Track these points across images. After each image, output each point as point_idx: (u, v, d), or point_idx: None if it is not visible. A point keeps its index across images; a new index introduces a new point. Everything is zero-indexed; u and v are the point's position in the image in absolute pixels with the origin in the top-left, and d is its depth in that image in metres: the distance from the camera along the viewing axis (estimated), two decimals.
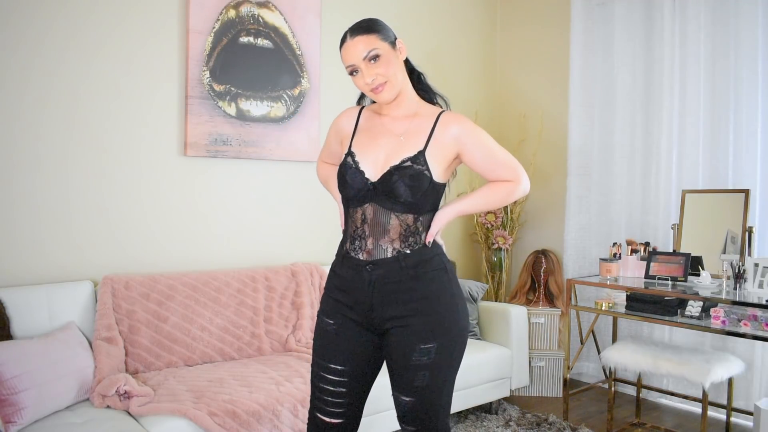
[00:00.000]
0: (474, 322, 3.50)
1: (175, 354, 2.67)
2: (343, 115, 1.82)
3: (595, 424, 3.24)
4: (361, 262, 1.65)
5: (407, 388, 1.65)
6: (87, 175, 2.75)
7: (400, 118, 1.73)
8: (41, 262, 2.64)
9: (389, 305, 1.65)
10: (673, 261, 3.11)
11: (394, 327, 1.65)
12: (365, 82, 1.65)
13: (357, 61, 1.64)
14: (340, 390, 1.70)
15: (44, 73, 2.62)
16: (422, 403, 1.65)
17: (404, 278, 1.64)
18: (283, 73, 3.31)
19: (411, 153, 1.65)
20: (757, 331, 2.61)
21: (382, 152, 1.68)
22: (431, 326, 1.63)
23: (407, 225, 1.65)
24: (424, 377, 1.63)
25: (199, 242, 3.09)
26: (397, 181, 1.62)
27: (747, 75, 3.24)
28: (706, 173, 3.42)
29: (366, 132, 1.74)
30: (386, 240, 1.65)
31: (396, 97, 1.70)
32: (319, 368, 1.72)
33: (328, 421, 1.72)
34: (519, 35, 4.42)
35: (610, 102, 3.82)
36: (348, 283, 1.68)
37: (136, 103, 2.87)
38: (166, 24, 2.95)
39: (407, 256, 1.65)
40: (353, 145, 1.72)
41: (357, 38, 1.64)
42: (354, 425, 1.76)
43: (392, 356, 1.67)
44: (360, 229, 1.67)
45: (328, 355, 1.70)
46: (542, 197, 4.25)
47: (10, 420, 1.99)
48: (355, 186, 1.66)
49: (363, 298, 1.66)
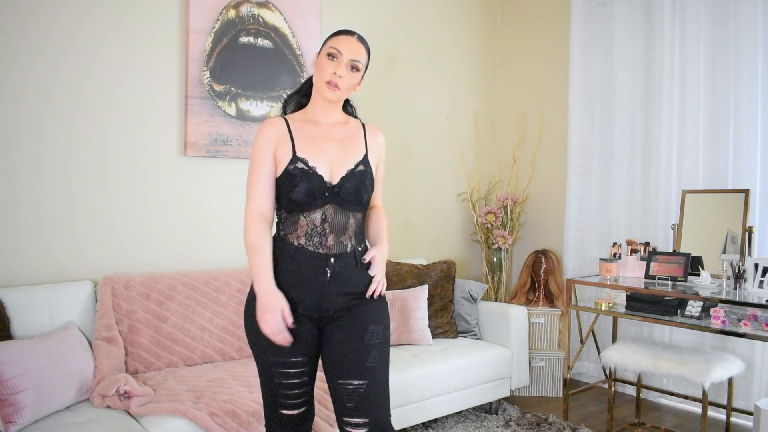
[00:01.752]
0: (474, 322, 3.50)
1: (175, 354, 2.67)
2: (269, 125, 1.81)
3: (595, 424, 3.24)
4: (322, 255, 1.74)
5: (360, 370, 1.71)
6: (87, 175, 2.75)
7: (333, 125, 1.85)
8: (41, 262, 2.64)
9: (342, 295, 1.76)
10: (673, 261, 3.11)
11: (345, 314, 1.77)
12: (337, 71, 1.75)
13: (346, 53, 1.76)
14: (303, 380, 1.77)
15: (45, 73, 2.62)
16: (375, 385, 1.72)
17: (357, 271, 1.78)
18: (283, 73, 3.31)
19: (359, 157, 1.82)
20: (757, 331, 2.61)
21: (329, 157, 1.78)
22: (378, 310, 1.79)
23: (359, 223, 1.82)
24: (375, 356, 1.73)
25: (199, 242, 3.09)
26: (360, 184, 1.77)
27: (747, 75, 3.24)
28: (706, 173, 3.42)
29: (305, 139, 1.79)
30: (346, 237, 1.77)
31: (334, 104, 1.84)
32: (278, 366, 1.75)
33: (293, 414, 1.79)
34: (519, 35, 4.42)
35: (610, 102, 3.82)
36: (303, 276, 1.74)
37: (136, 103, 2.87)
38: (166, 24, 2.95)
39: (359, 252, 1.80)
40: (298, 152, 1.76)
41: (360, 44, 1.80)
42: (312, 411, 1.86)
43: (344, 340, 1.75)
44: (320, 228, 1.75)
45: (289, 351, 1.73)
46: (542, 197, 4.25)
47: (10, 420, 1.99)
48: (315, 189, 1.73)
49: (317, 290, 1.74)
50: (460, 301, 3.54)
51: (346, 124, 1.87)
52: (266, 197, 1.77)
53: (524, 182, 4.25)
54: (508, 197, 4.07)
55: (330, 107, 1.83)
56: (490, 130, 4.49)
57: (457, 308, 3.54)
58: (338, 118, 1.87)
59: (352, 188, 1.76)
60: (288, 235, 1.76)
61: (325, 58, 1.76)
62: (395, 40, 3.84)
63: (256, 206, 1.76)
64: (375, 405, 1.72)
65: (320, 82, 1.77)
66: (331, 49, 1.75)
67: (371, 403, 1.71)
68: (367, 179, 1.80)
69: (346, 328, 1.75)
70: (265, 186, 1.77)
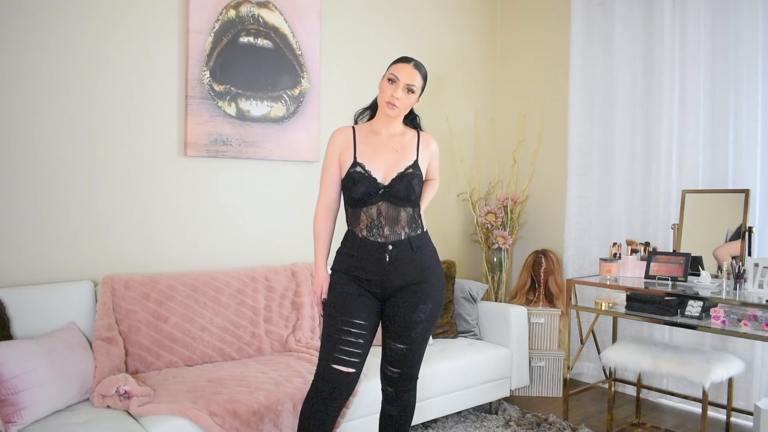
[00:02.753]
0: (474, 322, 3.50)
1: (175, 354, 2.67)
2: (339, 133, 2.23)
3: (595, 424, 3.24)
4: (381, 244, 2.12)
5: (405, 338, 2.15)
6: (87, 175, 2.75)
7: (393, 137, 2.22)
8: (41, 262, 2.64)
9: (400, 276, 2.13)
10: (673, 261, 3.11)
11: (398, 292, 2.14)
12: (394, 94, 2.13)
13: (403, 78, 2.14)
14: (360, 341, 2.10)
15: (45, 73, 2.62)
16: (412, 350, 2.17)
17: (412, 255, 2.14)
18: (283, 73, 3.31)
19: (410, 162, 2.18)
20: (757, 331, 2.61)
21: (384, 163, 2.16)
22: (429, 291, 2.15)
23: (410, 215, 2.16)
24: (419, 329, 2.15)
25: (199, 242, 3.09)
26: (408, 184, 2.13)
27: (747, 75, 3.24)
28: (706, 173, 3.42)
29: (366, 147, 2.19)
30: (399, 227, 2.14)
31: (394, 119, 2.20)
32: (343, 324, 2.10)
33: (345, 370, 2.09)
34: (519, 35, 4.42)
35: (610, 102, 3.82)
36: (366, 262, 2.13)
37: (136, 103, 2.87)
38: (166, 24, 2.95)
39: (414, 237, 2.15)
40: (358, 157, 2.16)
41: (417, 71, 2.17)
42: (359, 376, 2.14)
43: (397, 313, 2.14)
44: (376, 221, 2.13)
45: (353, 313, 2.10)
46: (542, 197, 4.25)
47: (10, 420, 1.99)
48: (368, 189, 2.12)
49: (380, 271, 2.12)
50: (460, 301, 3.54)
51: (402, 135, 2.23)
52: (332, 191, 2.23)
53: (524, 182, 4.25)
54: (508, 197, 4.07)
55: (390, 121, 2.20)
56: (490, 130, 4.49)
57: (457, 308, 3.54)
58: (396, 129, 2.23)
59: (402, 188, 2.12)
60: (354, 228, 2.16)
61: (386, 82, 2.15)
62: (395, 40, 3.84)
63: (324, 199, 2.23)
64: (410, 363, 2.19)
65: (382, 101, 2.16)
66: (391, 75, 2.14)
67: (408, 361, 2.18)
68: (415, 179, 2.15)
69: (400, 304, 2.14)
70: (331, 183, 2.22)
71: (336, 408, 2.12)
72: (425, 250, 2.17)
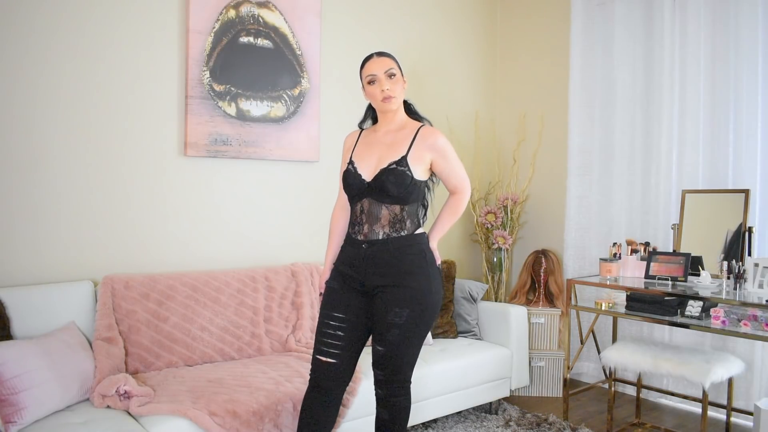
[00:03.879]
0: (474, 322, 3.50)
1: (175, 354, 2.67)
2: (348, 137, 2.32)
3: (595, 424, 3.24)
4: (359, 242, 2.13)
5: (382, 340, 2.11)
6: (87, 175, 2.75)
7: (388, 132, 2.19)
8: (41, 262, 2.64)
9: (377, 275, 2.11)
10: (673, 261, 3.11)
11: (379, 292, 2.12)
12: (381, 89, 2.11)
13: (379, 71, 2.12)
14: (339, 334, 2.14)
15: (45, 73, 2.62)
16: (390, 353, 2.11)
17: (389, 255, 2.10)
18: (283, 73, 3.31)
19: (396, 158, 2.11)
20: (757, 331, 2.61)
21: (374, 159, 2.14)
22: (405, 295, 2.08)
23: (395, 214, 2.11)
24: (394, 333, 2.09)
25: (199, 242, 3.09)
26: (386, 180, 2.07)
27: (747, 75, 3.24)
28: (706, 173, 3.42)
29: (363, 145, 2.22)
30: (378, 226, 2.12)
31: (393, 114, 2.18)
32: (324, 317, 2.17)
33: (324, 360, 2.14)
34: (519, 35, 4.42)
35: (610, 102, 3.82)
36: (350, 258, 2.16)
37: (136, 103, 2.87)
38: (166, 24, 2.95)
39: (394, 239, 2.11)
40: (353, 156, 2.20)
41: (383, 57, 2.16)
42: (347, 372, 2.18)
43: (375, 314, 2.13)
44: (359, 218, 2.14)
45: (333, 307, 2.16)
46: (542, 197, 4.25)
47: (10, 420, 1.99)
48: (354, 185, 2.14)
49: (360, 269, 2.13)
50: (460, 301, 3.54)
51: (398, 131, 2.18)
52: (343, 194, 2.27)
53: (524, 182, 4.25)
54: (508, 197, 4.07)
55: (387, 118, 2.20)
56: (490, 130, 4.49)
57: (457, 308, 3.54)
58: (394, 125, 2.20)
59: (379, 183, 2.08)
60: (349, 224, 2.21)
61: (369, 87, 2.14)
62: (395, 40, 3.84)
63: (339, 199, 2.31)
64: (390, 366, 2.13)
65: (377, 103, 2.16)
66: (368, 77, 2.13)
67: (389, 363, 2.13)
68: (395, 176, 2.07)
69: (377, 305, 2.12)
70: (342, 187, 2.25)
71: (330, 403, 2.16)
72: (407, 253, 2.10)
